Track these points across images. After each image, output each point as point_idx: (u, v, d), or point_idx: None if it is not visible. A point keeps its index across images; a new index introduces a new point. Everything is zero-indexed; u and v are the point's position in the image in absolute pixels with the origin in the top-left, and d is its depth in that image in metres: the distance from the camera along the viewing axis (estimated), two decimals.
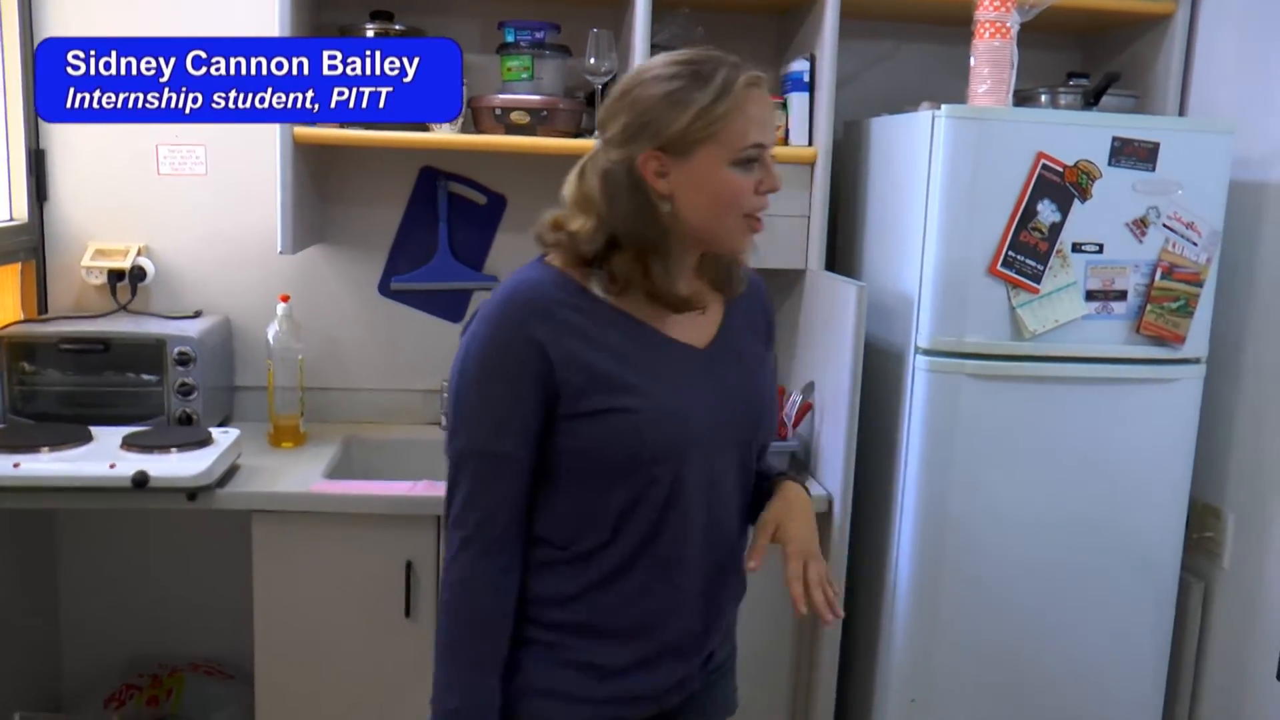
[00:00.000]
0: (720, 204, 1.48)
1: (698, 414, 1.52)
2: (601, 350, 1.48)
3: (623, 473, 1.48)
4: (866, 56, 2.92)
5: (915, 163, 2.34)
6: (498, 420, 1.47)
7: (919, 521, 2.36)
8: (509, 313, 1.46)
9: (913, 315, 2.34)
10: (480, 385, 1.47)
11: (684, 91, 1.44)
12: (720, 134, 1.45)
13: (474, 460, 1.48)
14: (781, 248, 2.63)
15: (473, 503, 1.48)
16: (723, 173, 1.46)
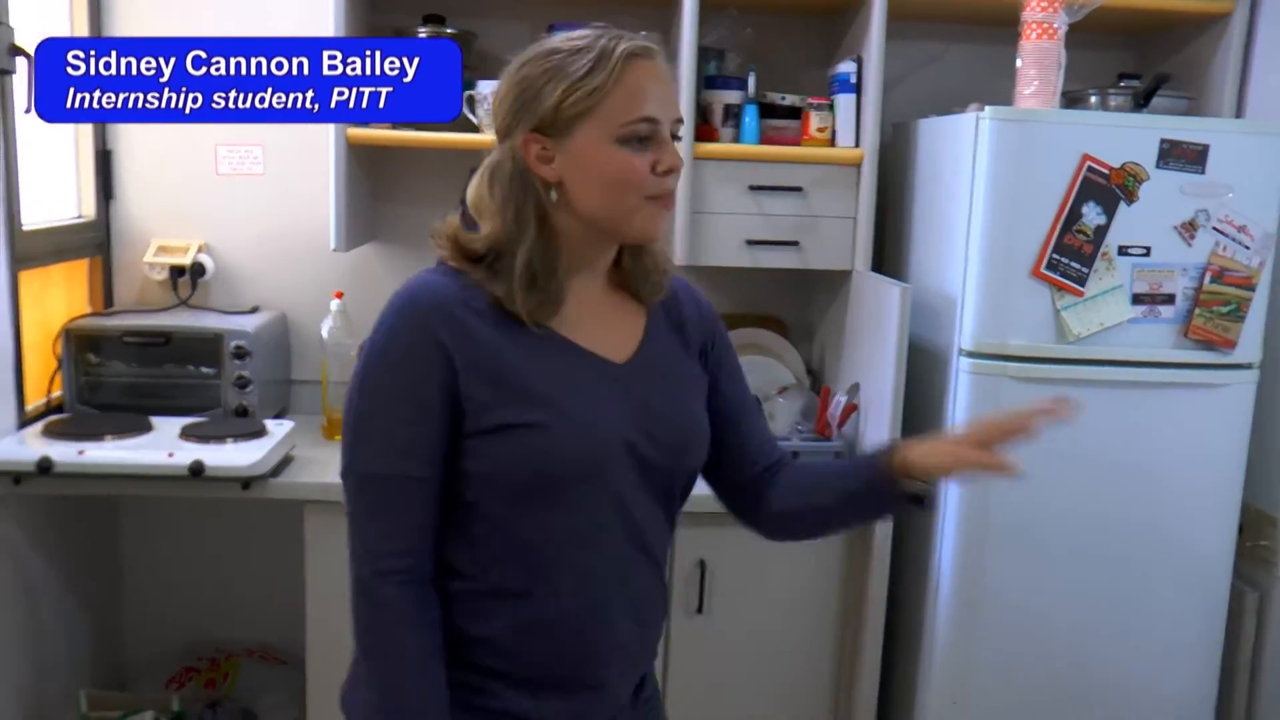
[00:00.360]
0: (611, 186, 1.34)
1: (613, 435, 1.37)
2: (507, 360, 1.35)
3: (528, 498, 1.35)
4: (916, 58, 2.92)
5: (960, 164, 2.34)
6: (406, 439, 1.34)
7: (960, 524, 2.36)
8: (410, 316, 1.34)
9: (956, 317, 2.34)
10: (384, 398, 1.34)
11: (557, 68, 1.32)
12: (599, 108, 1.32)
13: (381, 485, 1.36)
14: (828, 248, 2.64)
15: (386, 533, 1.35)
16: (607, 151, 1.33)
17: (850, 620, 2.52)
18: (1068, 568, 2.37)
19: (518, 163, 1.35)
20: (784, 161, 2.61)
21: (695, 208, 2.59)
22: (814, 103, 2.64)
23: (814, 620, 2.52)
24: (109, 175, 2.81)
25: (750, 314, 2.98)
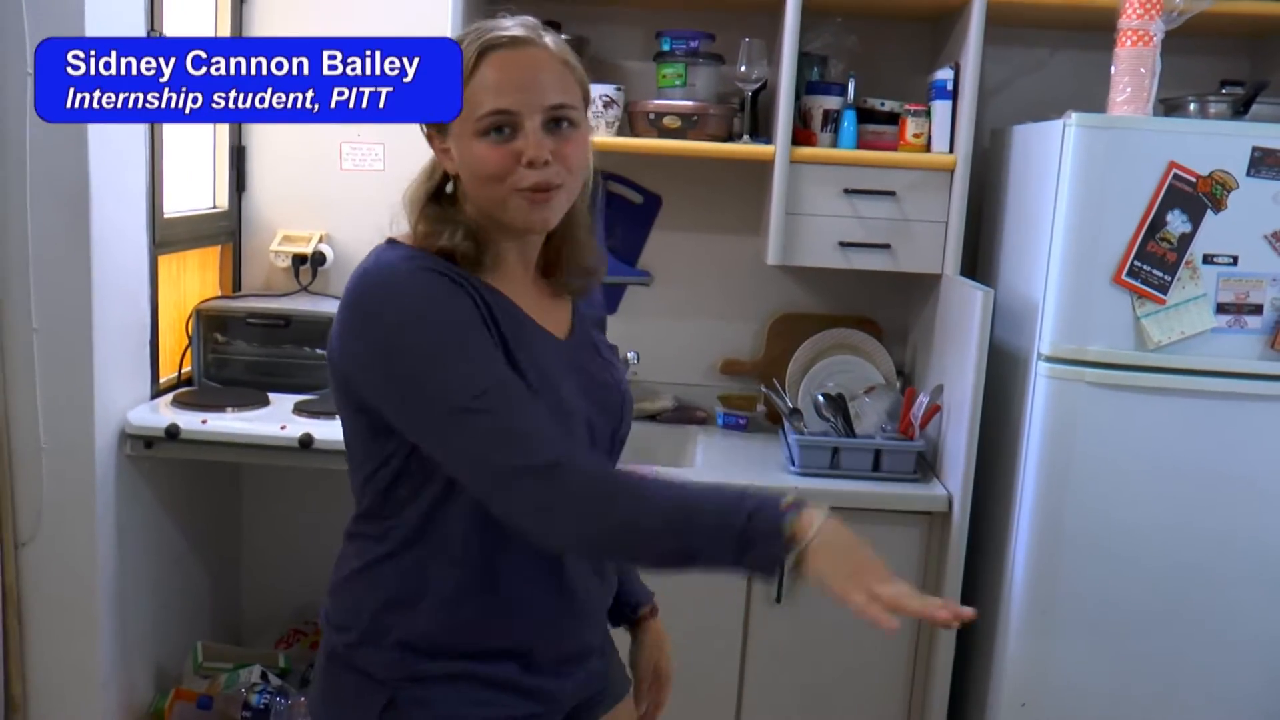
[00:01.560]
0: (478, 179, 1.35)
1: (576, 406, 1.41)
2: (501, 320, 1.37)
3: None
4: (1020, 64, 2.93)
5: (1047, 171, 2.35)
6: (491, 354, 1.31)
7: (1035, 528, 2.38)
8: (427, 271, 1.33)
9: (1037, 322, 2.36)
10: (450, 330, 1.30)
11: None
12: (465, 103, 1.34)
13: (495, 393, 1.28)
14: (919, 252, 2.68)
15: (536, 425, 1.28)
16: (469, 144, 1.34)
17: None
18: (1145, 577, 2.36)
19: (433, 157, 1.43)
20: (879, 166, 2.66)
21: (790, 209, 2.66)
22: (911, 109, 2.68)
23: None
24: (242, 169, 3.03)
25: (846, 315, 3.03)
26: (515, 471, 1.26)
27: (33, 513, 2.45)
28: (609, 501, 1.28)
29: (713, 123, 2.72)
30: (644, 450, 2.94)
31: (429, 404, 1.29)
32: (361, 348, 1.34)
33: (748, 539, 1.22)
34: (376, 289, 1.34)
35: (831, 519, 1.23)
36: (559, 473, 1.26)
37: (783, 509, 1.22)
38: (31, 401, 2.40)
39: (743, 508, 1.23)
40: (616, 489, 1.29)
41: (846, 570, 1.20)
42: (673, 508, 1.26)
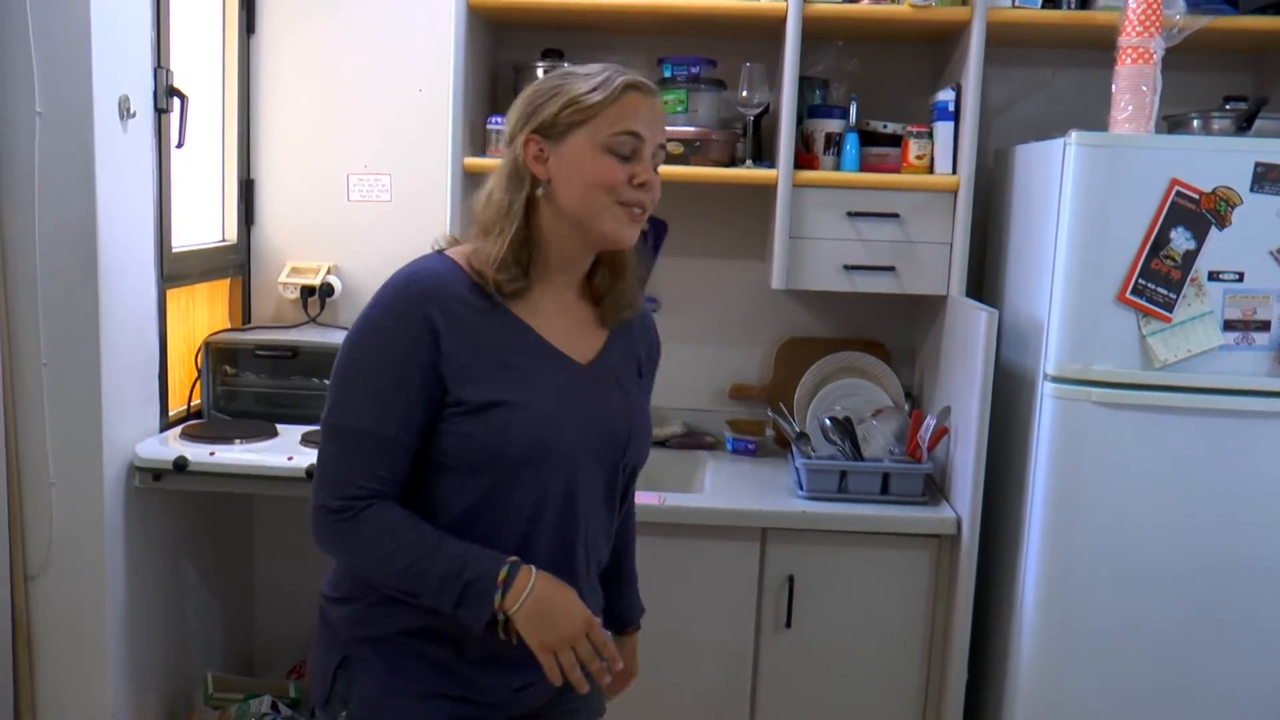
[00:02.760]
0: (592, 187, 1.51)
1: (569, 425, 1.55)
2: (488, 346, 1.51)
3: (483, 472, 1.51)
4: (1023, 84, 2.93)
5: (1049, 190, 2.35)
6: (384, 402, 1.48)
7: (1045, 549, 2.36)
8: (407, 295, 1.50)
9: (1042, 342, 2.35)
10: (369, 363, 1.49)
11: (564, 86, 1.52)
12: (593, 120, 1.50)
13: (353, 437, 1.49)
14: (924, 274, 2.67)
15: (354, 475, 1.48)
16: (594, 155, 1.51)
17: (937, 637, 2.53)
18: (1156, 597, 2.33)
19: (518, 161, 1.54)
20: (882, 188, 2.66)
21: (794, 233, 2.66)
22: (913, 130, 2.68)
23: (901, 636, 2.54)
24: (251, 202, 3.06)
25: (854, 338, 3.02)
26: (317, 488, 1.52)
27: (42, 545, 2.47)
28: (367, 549, 1.49)
29: (715, 148, 2.72)
30: (653, 476, 2.92)
31: (329, 401, 1.52)
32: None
33: (462, 602, 1.46)
34: (374, 297, 1.53)
35: (540, 587, 1.48)
36: (325, 515, 1.50)
37: (498, 583, 1.46)
38: (41, 435, 2.42)
39: (462, 577, 1.47)
40: (374, 541, 1.49)
41: (542, 637, 1.47)
42: (413, 568, 1.48)
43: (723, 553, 2.52)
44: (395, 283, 1.52)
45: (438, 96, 2.90)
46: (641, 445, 1.68)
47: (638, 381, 1.71)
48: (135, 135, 2.50)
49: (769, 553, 2.52)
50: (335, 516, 1.49)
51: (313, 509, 1.52)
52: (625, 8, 2.66)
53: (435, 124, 2.89)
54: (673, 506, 2.51)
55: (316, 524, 1.51)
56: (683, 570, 2.53)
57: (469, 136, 2.72)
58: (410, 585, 1.49)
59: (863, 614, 2.54)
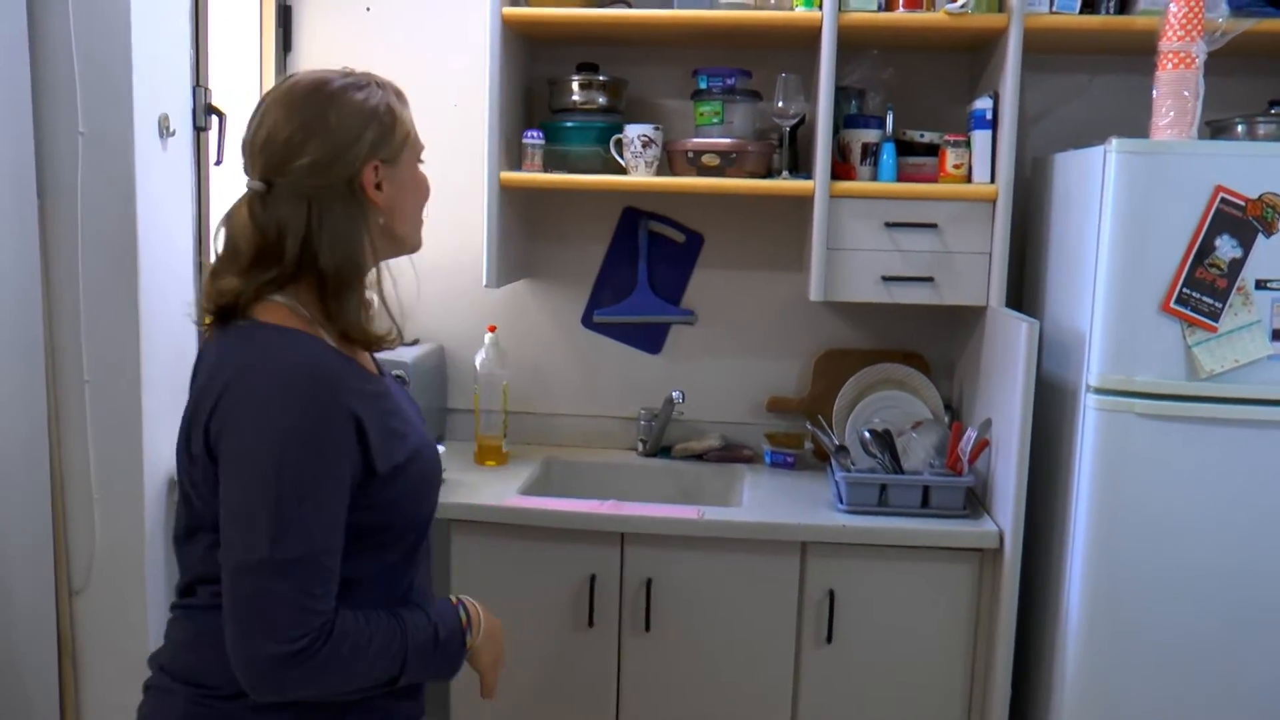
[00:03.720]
0: (421, 203, 1.56)
1: (426, 437, 1.56)
2: (379, 403, 1.44)
3: (406, 530, 1.49)
4: (1060, 91, 2.90)
5: (1089, 198, 2.32)
6: (331, 516, 1.36)
7: (1090, 563, 2.32)
8: (321, 392, 1.35)
9: (1084, 353, 2.31)
10: (310, 480, 1.33)
11: (376, 101, 1.46)
12: (411, 136, 1.51)
13: (308, 566, 1.33)
14: (963, 284, 2.65)
15: (304, 613, 1.32)
16: (415, 172, 1.54)
17: (980, 652, 2.50)
18: (1204, 609, 2.29)
19: (354, 192, 1.43)
20: (920, 198, 2.64)
21: (832, 244, 2.64)
22: (951, 139, 2.66)
23: (943, 651, 2.51)
24: None
25: (893, 349, 3.00)
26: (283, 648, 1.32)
27: (85, 561, 2.48)
28: (348, 670, 1.38)
29: (751, 159, 2.71)
30: (691, 490, 2.93)
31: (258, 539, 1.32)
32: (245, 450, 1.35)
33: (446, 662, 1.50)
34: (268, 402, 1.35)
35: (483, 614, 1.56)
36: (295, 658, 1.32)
37: (464, 627, 1.52)
38: (83, 451, 2.44)
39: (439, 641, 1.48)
40: (355, 657, 1.38)
41: (494, 656, 1.58)
42: (394, 661, 1.42)
43: (762, 567, 2.50)
44: (296, 379, 1.35)
45: (472, 112, 2.91)
46: None
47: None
48: (175, 153, 2.53)
49: (809, 567, 2.50)
50: (301, 658, 1.31)
51: (255, 661, 1.32)
52: (660, 20, 2.66)
53: (470, 139, 2.89)
54: (711, 520, 2.49)
55: (269, 676, 1.32)
56: (722, 585, 2.51)
57: (505, 151, 2.73)
58: (389, 676, 1.43)
59: (904, 629, 2.51)
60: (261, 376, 1.36)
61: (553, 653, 2.57)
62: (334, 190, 1.42)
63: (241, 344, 1.41)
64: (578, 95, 2.82)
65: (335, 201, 1.42)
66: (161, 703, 1.49)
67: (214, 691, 1.43)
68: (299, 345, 1.40)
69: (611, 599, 2.53)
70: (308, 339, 1.41)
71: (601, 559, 2.53)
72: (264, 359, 1.38)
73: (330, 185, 1.42)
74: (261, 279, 1.42)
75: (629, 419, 3.09)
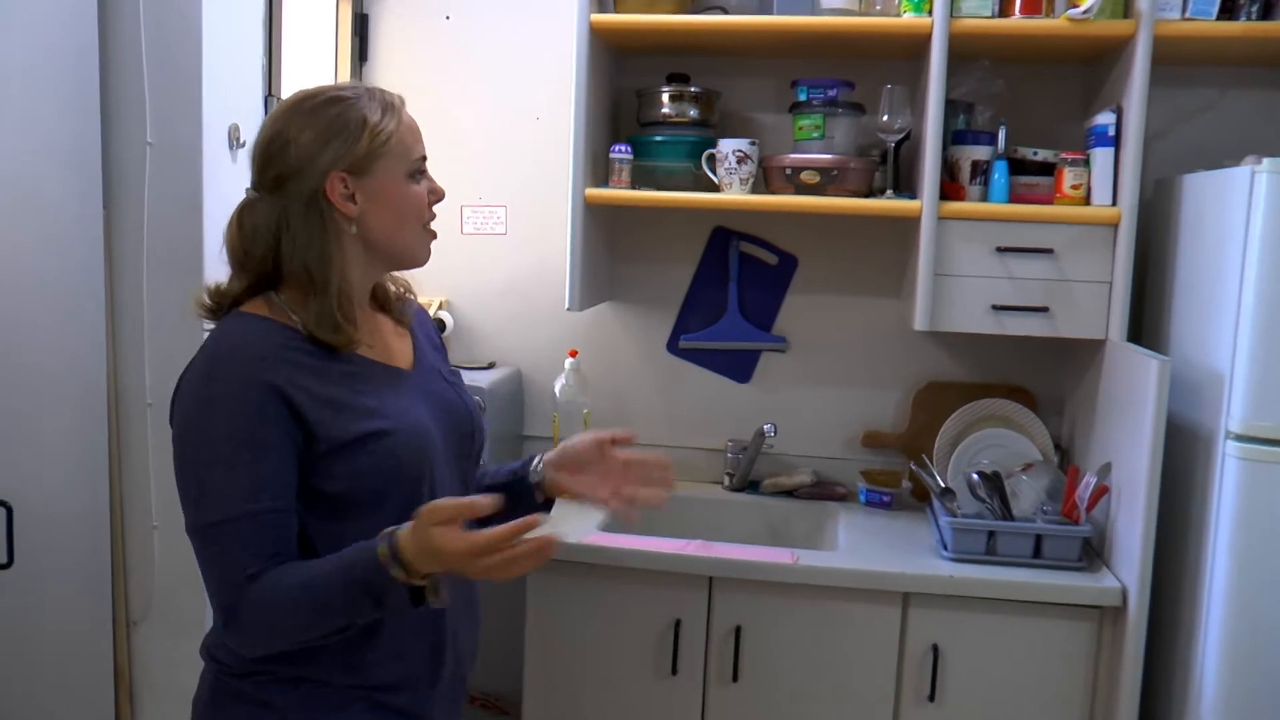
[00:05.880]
0: (406, 216, 1.55)
1: (432, 431, 1.56)
2: (334, 382, 1.49)
3: (377, 502, 1.48)
4: (1183, 108, 2.68)
5: (1231, 224, 2.11)
6: (249, 478, 1.41)
7: (1228, 627, 2.10)
8: (234, 365, 1.44)
9: (1224, 395, 2.10)
10: (219, 446, 1.41)
11: (350, 114, 1.49)
12: (394, 149, 1.52)
13: (232, 527, 1.40)
14: (1080, 315, 2.44)
15: (242, 560, 1.40)
16: (402, 185, 1.54)
17: (1098, 718, 2.29)
18: None
19: (317, 205, 1.48)
20: (1034, 221, 2.44)
21: (939, 269, 2.46)
22: (1068, 158, 2.46)
23: (1057, 715, 2.30)
24: None
25: (996, 383, 2.80)
26: (212, 600, 1.45)
27: (144, 592, 2.38)
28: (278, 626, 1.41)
29: (853, 177, 2.54)
30: (780, 529, 2.76)
31: (188, 507, 1.44)
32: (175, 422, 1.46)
33: (379, 600, 1.39)
34: (190, 377, 1.47)
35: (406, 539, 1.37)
36: (235, 610, 1.41)
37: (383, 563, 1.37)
38: (145, 478, 2.34)
39: (361, 583, 1.38)
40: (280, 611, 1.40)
41: (457, 566, 1.37)
42: (324, 608, 1.40)
43: (861, 617, 2.31)
44: (219, 353, 1.46)
45: (556, 125, 2.79)
46: (482, 428, 1.72)
47: (448, 365, 1.75)
48: (244, 165, 2.38)
49: (911, 619, 2.31)
50: (230, 616, 1.41)
51: (220, 629, 1.45)
52: (757, 27, 2.50)
53: (553, 154, 2.77)
54: (807, 566, 2.31)
55: (230, 634, 1.44)
56: (816, 635, 2.33)
57: (590, 166, 2.58)
58: (333, 625, 1.43)
59: (1014, 690, 2.30)
60: (201, 356, 1.47)
61: (633, 702, 2.40)
62: (298, 199, 1.48)
63: (212, 331, 1.52)
64: (668, 108, 2.66)
65: (299, 210, 1.49)
66: (201, 680, 1.59)
67: (228, 669, 1.53)
68: (241, 326, 1.49)
69: (697, 646, 2.37)
70: (260, 322, 1.49)
71: (688, 603, 2.37)
72: (210, 341, 1.48)
73: (295, 194, 1.48)
74: (250, 279, 1.53)
75: (715, 451, 2.92)
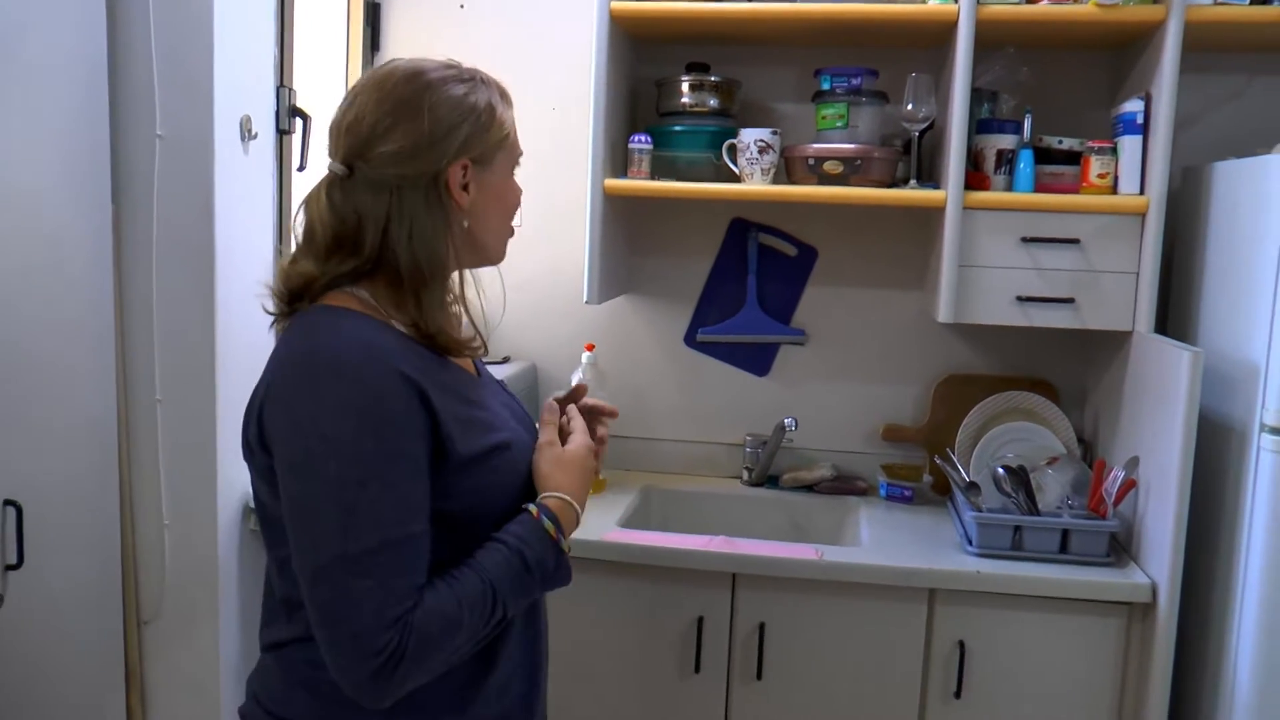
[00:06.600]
0: (509, 213, 1.45)
1: (522, 439, 1.45)
2: (450, 390, 1.34)
3: (488, 521, 1.35)
4: (1212, 95, 2.63)
5: (1265, 213, 2.06)
6: (407, 498, 1.24)
7: (1263, 625, 2.05)
8: (377, 368, 1.25)
9: (1258, 387, 2.05)
10: (376, 462, 1.22)
11: (477, 97, 1.37)
12: (509, 142, 1.42)
13: (384, 555, 1.21)
14: (1107, 306, 2.40)
15: (395, 597, 1.21)
16: (511, 180, 1.45)
17: (1127, 717, 2.25)
18: None
19: (437, 190, 1.34)
20: (1060, 211, 2.39)
21: (964, 260, 2.41)
22: (1095, 146, 2.41)
23: (1085, 715, 2.26)
24: None
25: (1019, 376, 2.76)
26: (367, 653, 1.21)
27: (155, 590, 2.34)
28: (446, 645, 1.26)
29: (877, 167, 2.49)
30: (801, 524, 2.72)
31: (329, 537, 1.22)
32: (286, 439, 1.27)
33: (550, 578, 1.35)
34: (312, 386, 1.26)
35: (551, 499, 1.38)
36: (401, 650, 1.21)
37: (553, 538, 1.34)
38: (155, 475, 2.29)
39: (532, 567, 1.32)
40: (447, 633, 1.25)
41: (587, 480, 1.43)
42: (495, 611, 1.30)
43: (886, 614, 2.28)
44: (348, 356, 1.25)
45: (573, 115, 2.75)
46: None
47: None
48: (256, 157, 2.37)
49: (937, 615, 2.27)
50: (391, 665, 1.20)
51: (351, 679, 1.21)
52: (779, 14, 2.45)
53: (571, 144, 2.73)
54: (832, 562, 2.27)
55: (371, 691, 1.21)
56: (841, 631, 2.29)
57: (609, 156, 2.54)
58: (495, 623, 1.32)
59: (1041, 687, 2.26)
60: (312, 358, 1.27)
61: (656, 701, 2.36)
62: (417, 183, 1.34)
63: (299, 328, 1.33)
64: (688, 97, 2.62)
65: (418, 195, 1.34)
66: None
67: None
68: (355, 324, 1.31)
69: (720, 644, 2.33)
70: (365, 320, 1.32)
71: (711, 600, 2.33)
72: (316, 340, 1.29)
73: (414, 177, 1.34)
74: (338, 269, 1.35)
75: (734, 445, 2.88)
